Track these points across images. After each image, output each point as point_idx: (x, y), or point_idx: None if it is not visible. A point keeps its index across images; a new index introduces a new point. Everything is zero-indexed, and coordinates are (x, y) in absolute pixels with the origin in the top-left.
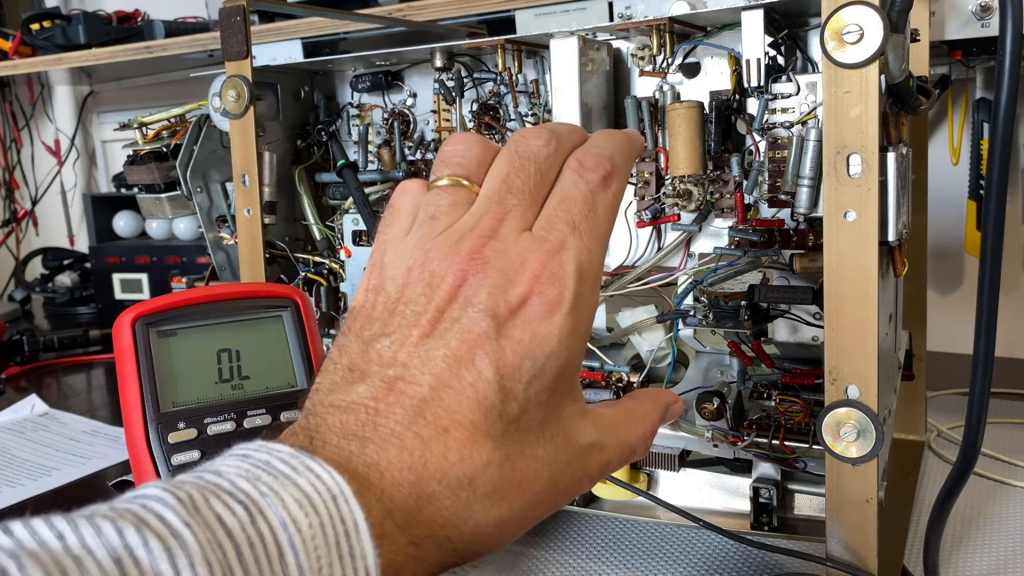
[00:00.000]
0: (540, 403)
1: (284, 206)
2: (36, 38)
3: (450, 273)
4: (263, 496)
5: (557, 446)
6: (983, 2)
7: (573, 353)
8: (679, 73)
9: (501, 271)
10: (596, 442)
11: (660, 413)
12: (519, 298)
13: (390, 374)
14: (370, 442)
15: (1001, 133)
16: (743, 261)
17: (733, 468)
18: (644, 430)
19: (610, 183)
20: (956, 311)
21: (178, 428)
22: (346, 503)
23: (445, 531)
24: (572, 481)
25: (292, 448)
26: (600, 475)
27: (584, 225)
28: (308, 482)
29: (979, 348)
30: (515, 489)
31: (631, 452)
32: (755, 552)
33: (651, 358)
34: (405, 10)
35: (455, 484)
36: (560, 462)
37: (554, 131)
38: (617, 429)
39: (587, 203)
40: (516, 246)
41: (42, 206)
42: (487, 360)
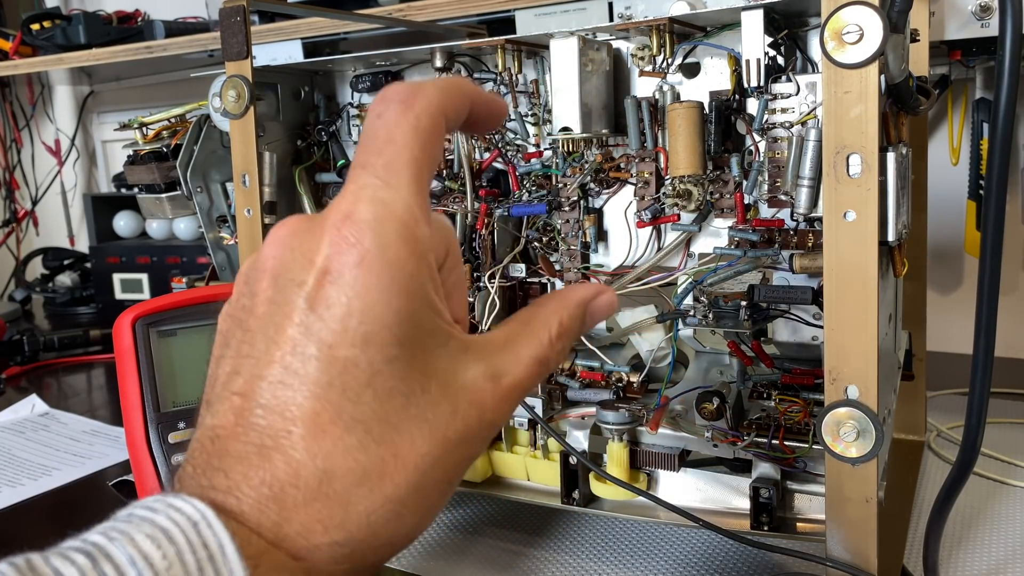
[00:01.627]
0: (391, 359)
1: (284, 206)
2: (36, 38)
3: (266, 263)
4: (111, 541)
5: (433, 397)
6: (983, 2)
7: (409, 294)
8: (679, 73)
9: (305, 241)
10: (486, 371)
11: (571, 311)
12: (324, 260)
13: (228, 392)
14: (217, 471)
15: (1001, 133)
16: (743, 261)
17: (733, 468)
18: (548, 335)
19: (411, 105)
20: (956, 311)
21: (178, 428)
22: (208, 527)
23: (329, 535)
24: (467, 425)
25: (159, 495)
26: (509, 403)
27: (378, 160)
28: (166, 517)
29: (979, 348)
30: (392, 463)
31: (540, 365)
32: (755, 552)
33: (651, 358)
34: (405, 10)
35: (314, 484)
36: (442, 412)
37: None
38: (512, 346)
39: (378, 137)
40: (319, 215)
41: (42, 206)
42: (306, 336)
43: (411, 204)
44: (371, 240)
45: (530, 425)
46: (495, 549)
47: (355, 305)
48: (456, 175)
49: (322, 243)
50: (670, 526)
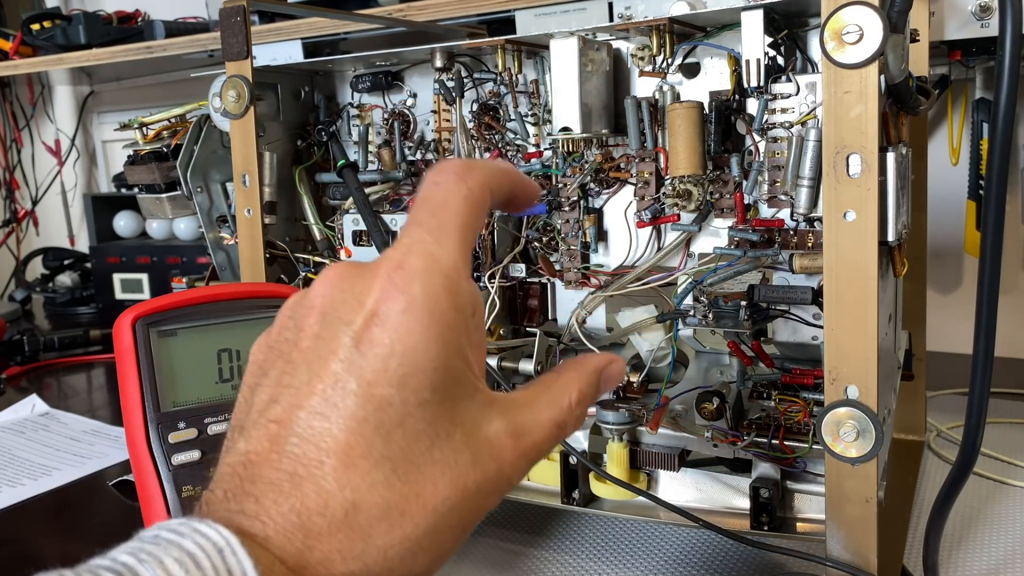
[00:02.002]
0: (422, 403)
1: (284, 206)
2: (36, 38)
3: (315, 301)
4: (141, 563)
5: (457, 444)
6: (983, 2)
7: (447, 344)
8: (679, 73)
9: (356, 284)
10: (508, 427)
11: (588, 379)
12: (373, 303)
13: (265, 420)
14: (248, 496)
15: (1001, 133)
16: (743, 261)
17: (733, 468)
18: (568, 401)
19: (465, 179)
20: (956, 311)
21: (178, 428)
22: (233, 555)
23: (347, 566)
24: (486, 477)
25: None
26: (526, 461)
27: (432, 221)
28: (193, 542)
29: (979, 348)
30: (414, 502)
31: (558, 428)
32: (755, 552)
33: (651, 358)
34: (405, 10)
35: (340, 514)
36: (463, 461)
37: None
38: (534, 408)
39: (433, 200)
40: (371, 263)
41: (42, 206)
42: (348, 372)
43: (457, 262)
44: (419, 289)
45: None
46: (495, 549)
47: (397, 347)
48: None
49: (373, 287)
50: (670, 526)
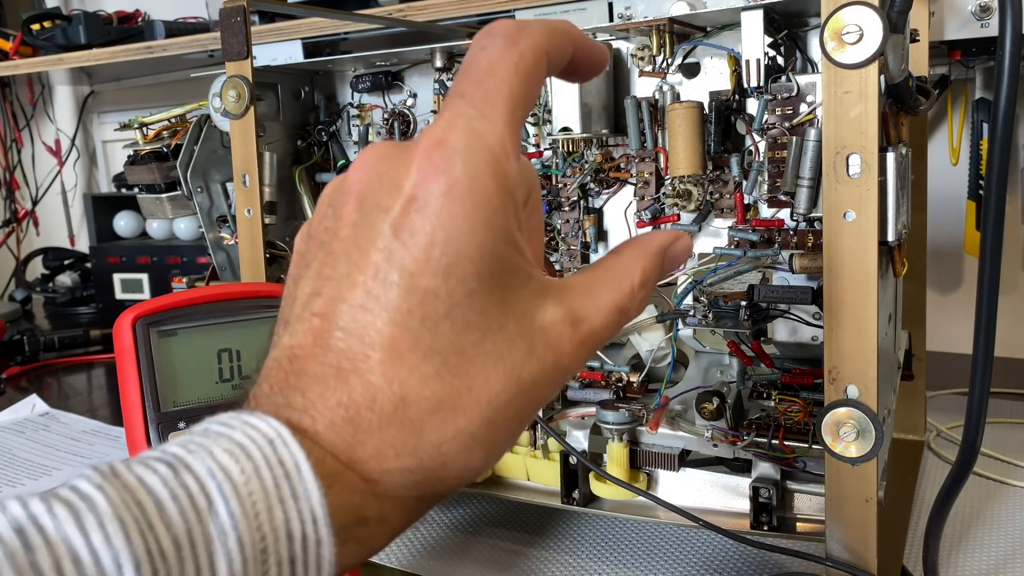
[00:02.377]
0: (470, 292)
1: (284, 206)
2: (36, 38)
3: (352, 186)
4: (190, 453)
5: (510, 335)
6: (983, 2)
7: (494, 229)
8: (679, 73)
9: (394, 165)
10: (565, 315)
11: (652, 259)
12: (412, 187)
13: (308, 313)
14: (295, 390)
15: (1001, 133)
16: (743, 261)
17: (733, 468)
18: (630, 284)
19: (516, 41)
20: (956, 311)
21: (178, 428)
22: (284, 445)
23: (401, 461)
24: (543, 368)
25: (234, 412)
26: (585, 350)
27: (476, 91)
28: (243, 433)
29: (979, 348)
30: (466, 396)
31: (619, 313)
32: (755, 552)
33: (651, 358)
34: (405, 10)
35: (389, 409)
36: (518, 351)
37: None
38: (593, 292)
39: (479, 68)
40: (410, 142)
41: (42, 206)
42: (389, 262)
43: (504, 138)
44: (461, 169)
45: (530, 425)
46: (495, 549)
47: (439, 235)
48: None
49: (411, 169)
50: (670, 526)
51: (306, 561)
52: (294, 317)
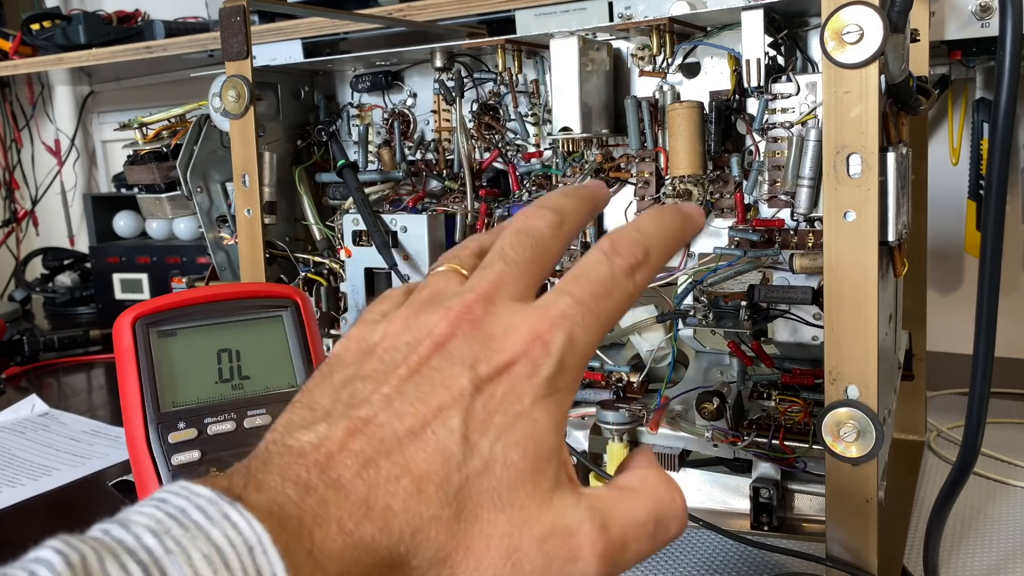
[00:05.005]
0: (508, 464)
1: (284, 206)
2: (36, 38)
3: (438, 326)
4: (168, 553)
5: (525, 516)
6: (983, 2)
7: (550, 420)
8: (679, 73)
9: (490, 332)
10: (593, 518)
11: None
12: (505, 361)
13: (355, 415)
14: (313, 489)
15: (1001, 133)
16: (743, 261)
17: (733, 468)
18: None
19: (636, 272)
20: (956, 311)
21: (178, 428)
22: (264, 555)
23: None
24: (545, 561)
25: (213, 492)
26: (610, 562)
27: (593, 304)
28: (222, 533)
29: (979, 348)
30: (462, 555)
31: (656, 524)
32: (755, 552)
33: (651, 358)
34: (405, 10)
35: (396, 535)
36: (527, 536)
37: (559, 209)
38: (629, 500)
39: (603, 284)
40: (509, 310)
41: (42, 206)
42: (458, 413)
43: (590, 356)
44: (552, 362)
45: None
46: None
47: (508, 408)
48: (456, 175)
49: (510, 340)
50: None
51: None
52: (338, 413)
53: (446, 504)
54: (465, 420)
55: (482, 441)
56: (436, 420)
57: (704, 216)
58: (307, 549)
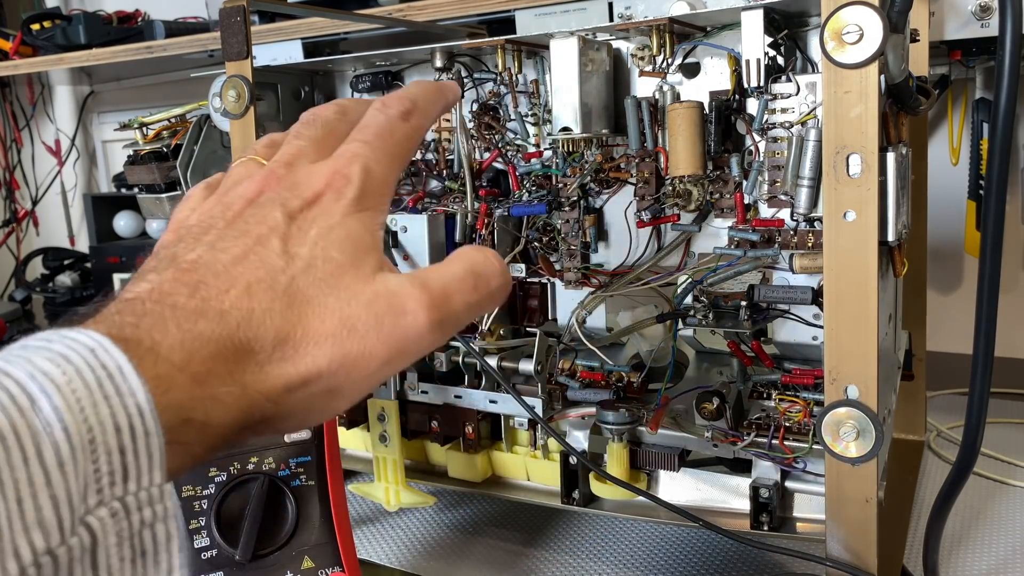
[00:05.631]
0: (328, 259)
1: None
2: (36, 38)
3: (247, 190)
4: (8, 363)
5: (352, 292)
6: (983, 2)
7: (363, 227)
8: (679, 73)
9: (294, 181)
10: (413, 280)
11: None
12: (312, 194)
13: (181, 260)
14: (148, 313)
15: (1001, 133)
16: (743, 261)
17: (733, 468)
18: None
19: (410, 117)
20: (956, 311)
21: None
22: (105, 352)
23: (235, 373)
24: (376, 319)
25: (51, 331)
26: (436, 311)
27: (377, 142)
28: (62, 344)
29: (979, 348)
30: (301, 332)
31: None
32: (755, 552)
33: (651, 358)
34: (405, 10)
35: (232, 326)
36: (355, 304)
37: (340, 103)
38: (445, 264)
39: (383, 126)
40: (308, 166)
41: (42, 206)
42: (276, 237)
43: (389, 185)
44: (354, 186)
45: (530, 425)
46: (495, 549)
47: (321, 222)
48: (456, 175)
49: (313, 180)
50: (670, 526)
51: (136, 450)
52: (165, 266)
53: (276, 299)
54: (283, 239)
55: (301, 249)
56: (257, 246)
57: (459, 88)
58: (147, 347)
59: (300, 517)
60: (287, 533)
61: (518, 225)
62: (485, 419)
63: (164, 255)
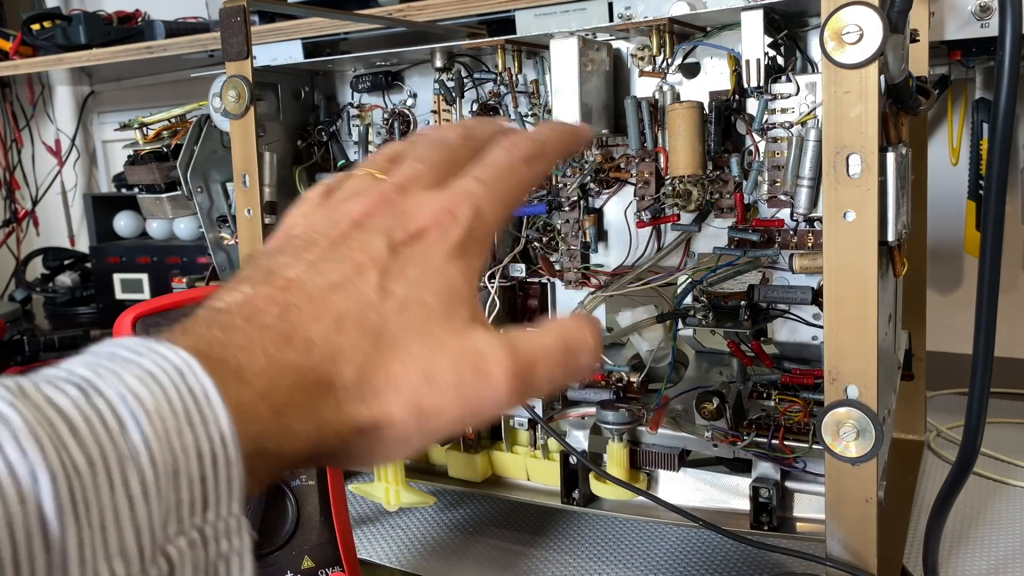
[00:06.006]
0: (423, 304)
1: (285, 206)
2: (37, 38)
3: (356, 209)
4: (100, 377)
5: (440, 343)
6: (982, 2)
7: (461, 275)
8: (679, 73)
9: (404, 209)
10: (503, 343)
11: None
12: (418, 228)
13: (278, 277)
14: (238, 329)
15: (1001, 133)
16: (743, 261)
17: (733, 468)
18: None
19: (534, 163)
20: (956, 311)
21: None
22: (193, 375)
23: (313, 407)
24: (458, 378)
25: (139, 340)
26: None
27: (495, 184)
28: (152, 362)
29: (979, 348)
30: (383, 376)
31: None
32: (755, 552)
33: (651, 358)
34: (405, 10)
35: (316, 359)
36: (440, 357)
37: (468, 125)
38: (538, 332)
39: (504, 169)
40: (421, 194)
41: (43, 206)
42: (375, 269)
43: (496, 228)
44: (461, 228)
45: (530, 425)
46: (495, 549)
47: (422, 263)
48: None
49: (423, 213)
50: (670, 526)
51: (216, 479)
52: (261, 279)
53: (364, 337)
54: (382, 274)
55: (398, 288)
56: (355, 275)
57: (591, 131)
58: (233, 370)
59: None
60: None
61: (518, 225)
62: None
63: (263, 265)
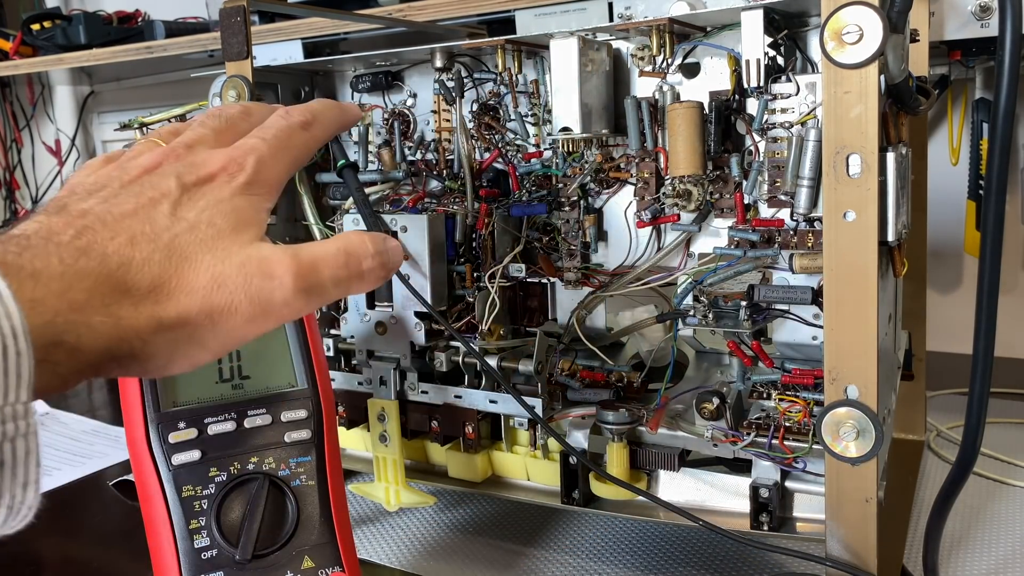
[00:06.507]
0: (212, 224)
1: (284, 206)
2: (36, 38)
3: (146, 161)
4: None
5: (228, 253)
6: (982, 2)
7: (249, 206)
8: (679, 73)
9: (192, 160)
10: (287, 249)
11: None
12: (207, 174)
13: (73, 209)
14: (33, 247)
15: (1001, 133)
16: (743, 261)
17: (733, 468)
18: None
19: (309, 127)
20: (956, 311)
21: (178, 428)
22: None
23: (110, 307)
24: (244, 279)
25: None
26: (303, 280)
27: (276, 143)
28: None
29: (979, 348)
30: (176, 282)
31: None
32: (755, 552)
33: (651, 358)
34: (405, 10)
35: (112, 267)
36: (227, 263)
37: (247, 105)
38: (320, 242)
39: (282, 129)
40: (208, 150)
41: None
42: (167, 201)
43: (278, 184)
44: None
45: (530, 425)
46: (495, 549)
47: (210, 196)
48: (456, 175)
49: (210, 163)
50: (670, 526)
51: (6, 369)
52: (53, 211)
53: (156, 250)
54: (174, 205)
55: (188, 214)
56: (148, 206)
57: (358, 110)
58: (29, 273)
59: (300, 517)
60: (287, 533)
61: (518, 225)
62: (485, 419)
63: (54, 205)
